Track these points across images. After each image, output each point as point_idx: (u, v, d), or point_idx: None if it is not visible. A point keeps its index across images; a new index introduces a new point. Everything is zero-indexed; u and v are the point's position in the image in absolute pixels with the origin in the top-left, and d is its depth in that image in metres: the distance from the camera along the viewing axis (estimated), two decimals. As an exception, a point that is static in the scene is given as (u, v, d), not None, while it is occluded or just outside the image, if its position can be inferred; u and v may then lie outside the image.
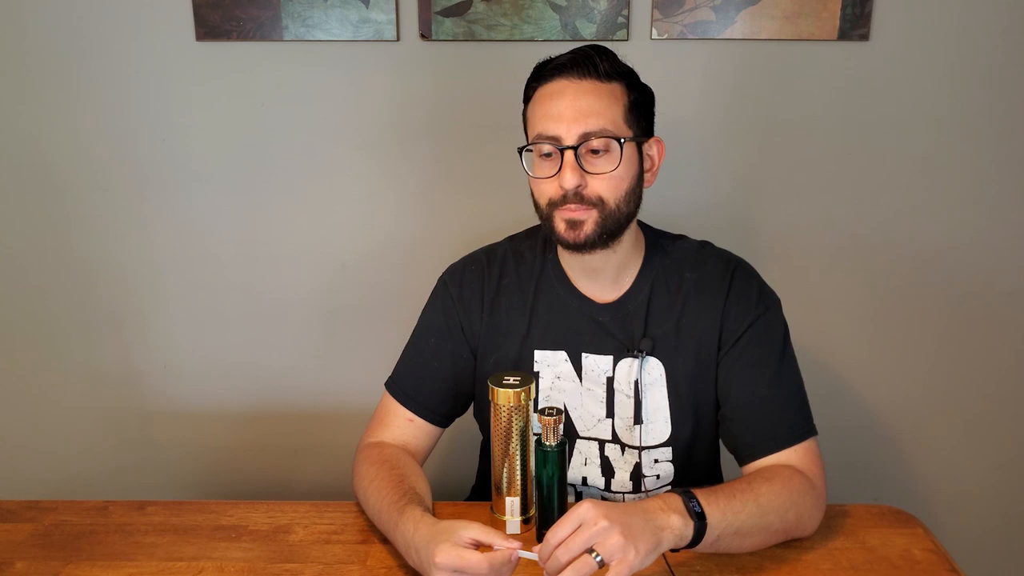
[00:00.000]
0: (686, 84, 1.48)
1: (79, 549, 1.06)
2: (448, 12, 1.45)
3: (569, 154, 1.04)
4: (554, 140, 1.05)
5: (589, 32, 1.45)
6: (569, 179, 1.04)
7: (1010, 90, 1.47)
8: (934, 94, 1.48)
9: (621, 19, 1.44)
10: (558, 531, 0.85)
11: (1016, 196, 1.53)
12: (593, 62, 1.07)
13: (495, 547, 0.87)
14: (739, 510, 0.96)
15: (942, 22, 1.44)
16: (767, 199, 1.54)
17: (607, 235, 1.08)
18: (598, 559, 0.83)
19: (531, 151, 1.11)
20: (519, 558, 0.87)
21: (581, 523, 0.85)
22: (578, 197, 1.05)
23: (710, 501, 0.94)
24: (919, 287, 1.57)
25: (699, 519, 0.92)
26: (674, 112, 1.13)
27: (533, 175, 1.09)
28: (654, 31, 1.45)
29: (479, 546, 0.88)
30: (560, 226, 1.07)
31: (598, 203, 1.06)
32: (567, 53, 1.09)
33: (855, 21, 1.43)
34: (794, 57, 1.46)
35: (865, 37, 1.44)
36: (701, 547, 0.93)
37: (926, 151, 1.51)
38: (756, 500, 0.98)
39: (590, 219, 1.06)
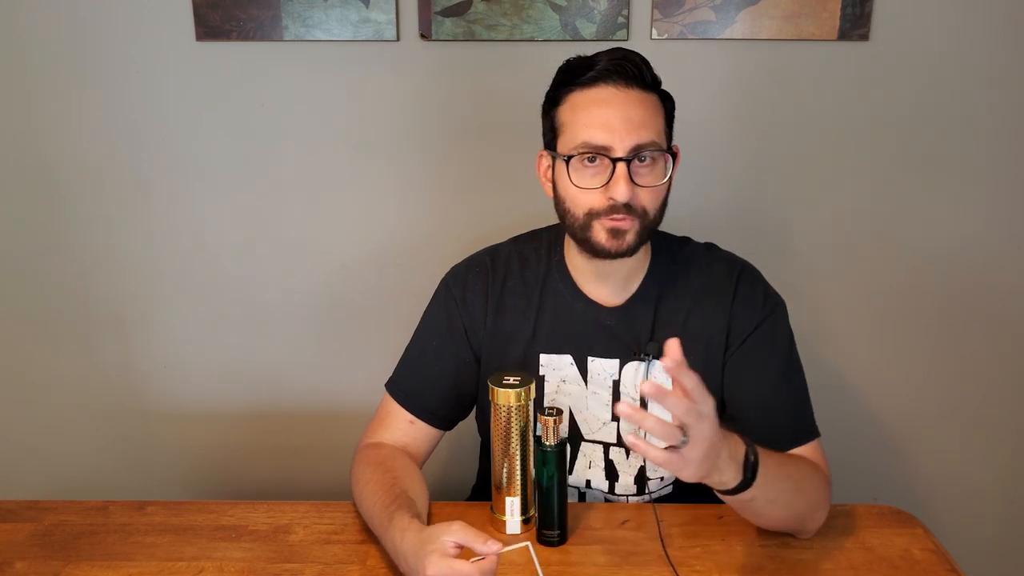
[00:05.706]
0: (686, 84, 1.45)
1: (79, 549, 1.06)
2: (448, 12, 1.45)
3: (622, 166, 1.02)
4: (603, 150, 1.03)
5: (589, 32, 1.45)
6: (623, 191, 1.02)
7: (1010, 90, 1.47)
8: (934, 94, 1.48)
9: (621, 19, 1.44)
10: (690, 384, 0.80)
11: (1016, 196, 1.53)
12: (640, 70, 1.04)
13: (476, 550, 0.86)
14: (781, 487, 0.97)
15: (942, 22, 1.44)
16: (767, 199, 1.54)
17: (642, 243, 1.08)
18: (683, 440, 0.81)
19: (556, 157, 1.08)
20: (501, 554, 0.87)
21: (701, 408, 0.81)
22: (627, 208, 1.03)
23: (765, 466, 0.92)
24: (919, 287, 1.57)
25: (748, 479, 0.90)
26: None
27: (577, 184, 1.05)
28: (654, 31, 1.45)
29: (463, 548, 0.88)
30: (600, 235, 1.05)
31: (642, 214, 1.05)
32: (602, 57, 1.05)
33: (855, 21, 1.43)
34: (794, 57, 1.46)
35: (865, 37, 1.44)
36: (731, 500, 0.93)
37: (926, 151, 1.51)
38: (798, 483, 1.01)
39: (632, 229, 1.05)
